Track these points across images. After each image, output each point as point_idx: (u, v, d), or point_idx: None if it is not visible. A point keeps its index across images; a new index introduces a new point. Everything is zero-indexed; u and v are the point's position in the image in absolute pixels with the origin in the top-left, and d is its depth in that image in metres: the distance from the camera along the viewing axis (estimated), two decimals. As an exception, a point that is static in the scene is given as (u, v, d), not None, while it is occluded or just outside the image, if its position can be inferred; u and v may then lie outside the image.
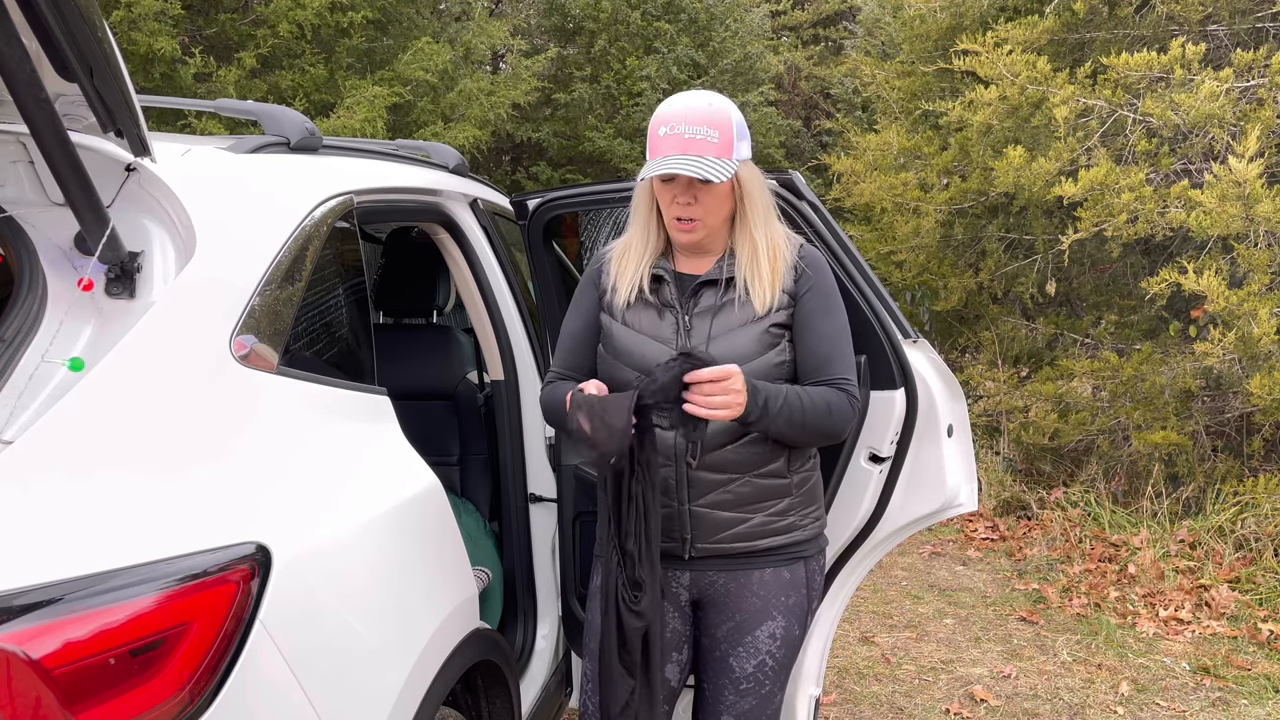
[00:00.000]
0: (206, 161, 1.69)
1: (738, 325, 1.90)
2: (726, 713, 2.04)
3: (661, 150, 1.83)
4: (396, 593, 1.64)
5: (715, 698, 2.05)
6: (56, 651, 1.07)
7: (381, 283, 3.05)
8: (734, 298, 1.92)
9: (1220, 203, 4.08)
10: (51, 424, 1.21)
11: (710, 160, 1.80)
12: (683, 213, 1.87)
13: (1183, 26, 4.92)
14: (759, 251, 1.91)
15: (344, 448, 1.65)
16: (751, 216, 1.92)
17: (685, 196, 1.86)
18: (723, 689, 2.03)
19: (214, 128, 6.14)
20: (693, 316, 1.93)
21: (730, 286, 1.93)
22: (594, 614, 2.04)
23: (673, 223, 1.91)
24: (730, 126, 1.84)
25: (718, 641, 2.02)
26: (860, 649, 4.08)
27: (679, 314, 1.94)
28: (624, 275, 1.98)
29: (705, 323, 1.92)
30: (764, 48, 11.65)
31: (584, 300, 2.05)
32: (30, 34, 1.17)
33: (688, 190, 1.86)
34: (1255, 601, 4.36)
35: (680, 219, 1.89)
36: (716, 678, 2.04)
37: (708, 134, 1.82)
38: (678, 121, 1.83)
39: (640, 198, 1.98)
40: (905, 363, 2.26)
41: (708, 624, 2.04)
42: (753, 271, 1.91)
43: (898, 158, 6.57)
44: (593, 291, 2.04)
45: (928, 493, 2.35)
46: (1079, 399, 5.58)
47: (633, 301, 1.96)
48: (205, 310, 1.44)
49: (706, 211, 1.87)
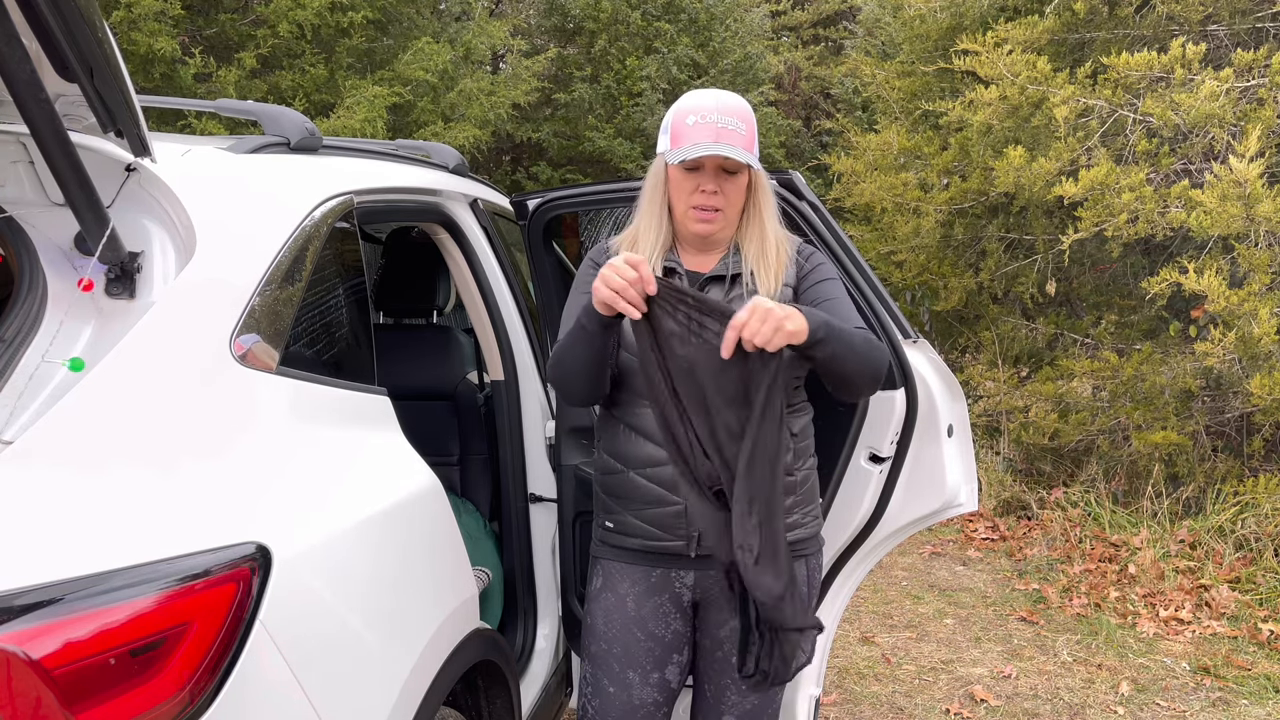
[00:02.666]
0: (206, 161, 1.69)
1: None
2: (729, 713, 2.04)
3: (692, 137, 1.82)
4: (396, 593, 1.64)
5: (717, 698, 2.04)
6: (56, 651, 1.07)
7: (381, 283, 3.05)
8: (742, 293, 1.92)
9: (1221, 203, 4.07)
10: (51, 424, 1.21)
11: (742, 150, 1.82)
12: (707, 202, 1.87)
13: (1183, 26, 4.91)
14: (767, 245, 1.93)
15: (344, 448, 1.65)
16: (763, 211, 1.94)
17: (712, 185, 1.86)
18: (725, 689, 2.03)
19: (214, 128, 6.14)
20: None
21: (736, 283, 1.94)
22: (595, 617, 2.03)
23: (690, 213, 1.89)
24: (753, 123, 1.89)
25: (719, 642, 2.02)
26: (860, 649, 4.08)
27: None
28: None
29: None
30: (764, 48, 11.65)
31: (586, 284, 1.95)
32: (30, 34, 1.17)
33: (714, 179, 1.86)
34: (1255, 601, 4.36)
35: (702, 208, 1.88)
36: (719, 678, 2.03)
37: (738, 125, 1.84)
38: (709, 111, 1.84)
39: (652, 189, 1.96)
40: (905, 363, 2.26)
41: (709, 624, 2.03)
42: (761, 263, 1.92)
43: (898, 158, 6.56)
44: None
45: (928, 493, 2.35)
46: (1079, 399, 5.57)
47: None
48: (205, 310, 1.44)
49: (729, 203, 1.89)
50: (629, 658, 1.98)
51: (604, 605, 2.01)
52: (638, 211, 2.01)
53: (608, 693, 2.00)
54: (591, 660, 2.03)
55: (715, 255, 1.98)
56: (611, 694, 2.00)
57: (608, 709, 2.00)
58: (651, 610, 1.98)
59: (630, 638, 1.98)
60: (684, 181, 1.88)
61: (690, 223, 1.91)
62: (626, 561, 2.00)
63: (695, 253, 1.99)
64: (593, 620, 2.03)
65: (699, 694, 2.10)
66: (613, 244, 2.04)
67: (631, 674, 1.99)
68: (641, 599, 1.98)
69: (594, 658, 2.02)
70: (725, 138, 1.81)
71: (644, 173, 2.05)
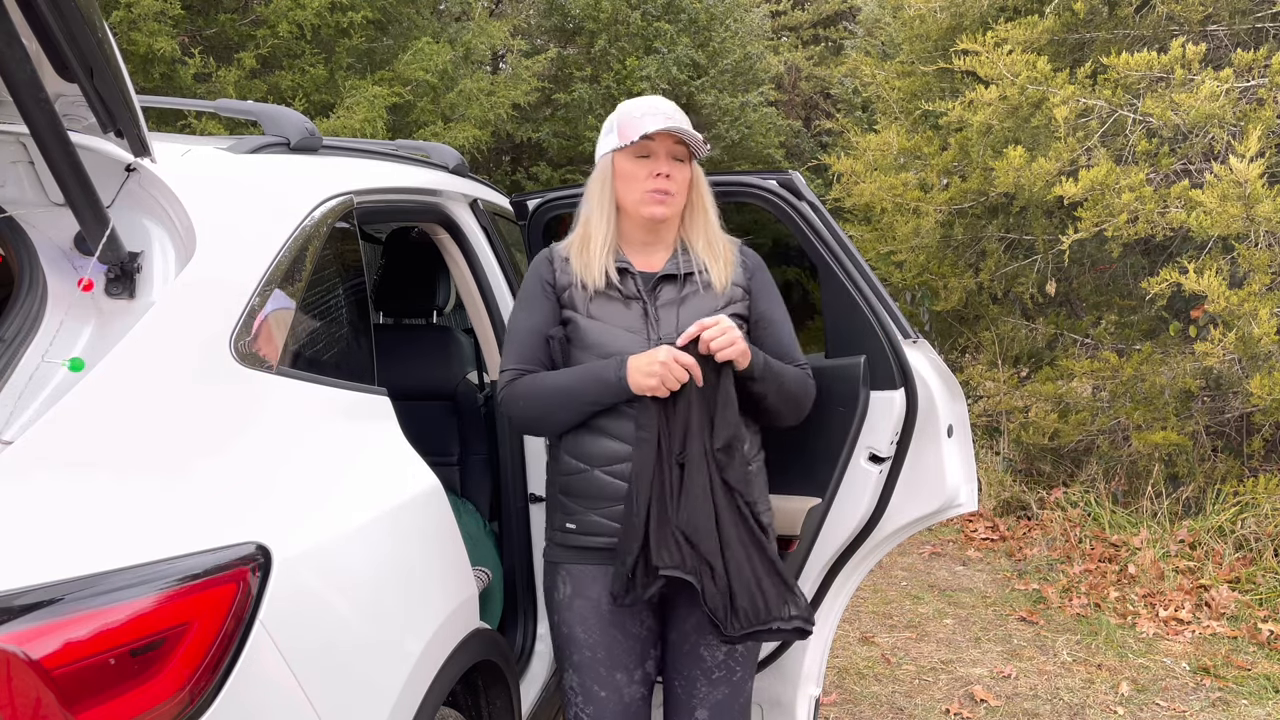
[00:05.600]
0: (206, 162, 1.69)
1: (705, 313, 1.98)
2: (700, 705, 2.05)
3: (645, 125, 1.94)
4: (396, 593, 1.64)
5: (688, 691, 2.06)
6: (56, 652, 1.07)
7: (381, 283, 3.05)
8: (696, 289, 2.03)
9: (1221, 203, 4.07)
10: (51, 424, 1.21)
11: (694, 133, 1.97)
12: (661, 185, 1.97)
13: (1183, 26, 4.91)
14: (713, 238, 2.07)
15: (344, 448, 1.65)
16: (706, 206, 2.07)
17: (666, 168, 1.97)
18: (695, 681, 2.05)
19: (214, 128, 6.14)
20: (658, 308, 2.01)
21: (689, 281, 2.04)
22: (571, 626, 2.03)
23: (646, 196, 1.98)
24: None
25: (686, 634, 2.04)
26: (860, 649, 4.08)
27: (646, 304, 2.00)
28: (589, 268, 2.01)
29: (671, 313, 2.00)
30: (764, 48, 11.65)
31: (539, 298, 2.04)
32: (30, 35, 1.17)
33: (668, 163, 1.98)
34: (1255, 601, 4.36)
35: (657, 190, 1.97)
36: (689, 670, 2.05)
37: (683, 120, 2.00)
38: (655, 107, 1.99)
39: (600, 188, 2.04)
40: (905, 363, 2.26)
41: (676, 618, 2.05)
42: (709, 254, 2.05)
43: (898, 158, 6.56)
44: (548, 289, 2.04)
45: (928, 493, 2.35)
46: (1079, 399, 5.57)
47: (595, 295, 2.00)
48: (205, 310, 1.44)
49: (679, 188, 2.00)
50: (614, 660, 2.00)
51: (579, 612, 2.01)
52: (583, 215, 2.07)
53: (600, 698, 2.01)
54: (577, 670, 2.02)
55: (663, 255, 2.07)
56: (604, 698, 2.01)
57: (603, 713, 2.01)
58: (626, 609, 1.99)
59: (611, 639, 2.00)
60: (636, 170, 1.98)
61: (645, 206, 1.99)
62: (592, 563, 2.00)
63: (643, 252, 2.05)
64: (569, 630, 2.03)
65: (670, 691, 2.11)
66: (559, 249, 2.08)
67: (619, 675, 2.01)
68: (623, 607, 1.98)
69: (579, 666, 2.02)
70: (675, 123, 1.95)
71: None
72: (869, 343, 2.26)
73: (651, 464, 1.87)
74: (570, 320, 2.01)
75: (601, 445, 1.97)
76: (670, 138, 1.96)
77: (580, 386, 1.93)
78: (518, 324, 2.05)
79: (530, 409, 1.99)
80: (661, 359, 1.85)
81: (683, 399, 1.89)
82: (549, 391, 1.97)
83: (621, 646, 2.01)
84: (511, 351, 2.03)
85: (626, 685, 2.02)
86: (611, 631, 2.00)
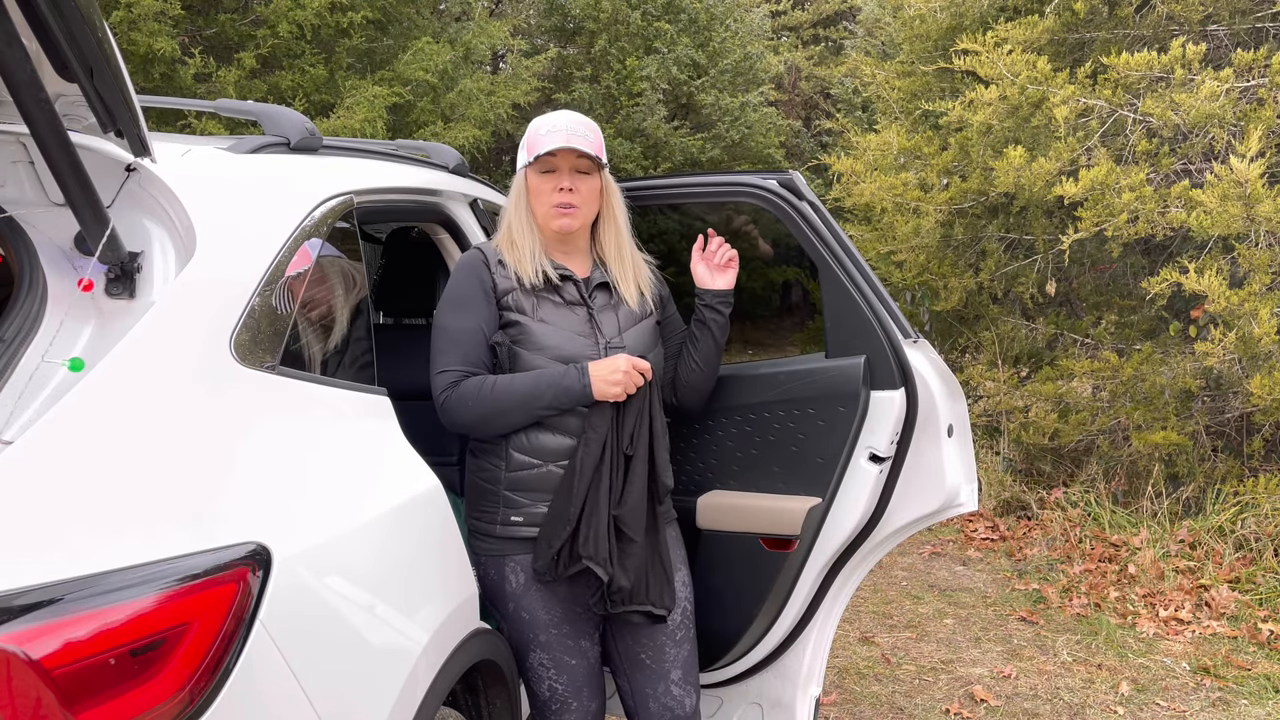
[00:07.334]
0: (206, 161, 1.69)
1: (638, 320, 2.18)
2: (674, 668, 2.18)
3: (546, 143, 2.06)
4: (397, 593, 1.64)
5: (657, 659, 2.18)
6: (56, 652, 1.07)
7: (381, 283, 3.05)
8: (619, 300, 2.18)
9: (1221, 202, 4.07)
10: (51, 424, 1.21)
11: (590, 148, 2.09)
12: (564, 199, 2.09)
13: (1183, 26, 4.91)
14: (623, 248, 2.21)
15: (344, 448, 1.65)
16: (616, 214, 2.20)
17: (568, 183, 2.09)
18: (663, 646, 2.19)
19: (214, 128, 6.14)
20: (597, 313, 2.14)
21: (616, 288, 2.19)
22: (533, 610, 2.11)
23: (552, 210, 2.10)
24: (600, 135, 2.16)
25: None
26: (860, 649, 4.08)
27: (590, 309, 2.14)
28: (522, 266, 2.10)
29: (611, 319, 2.15)
30: (764, 48, 11.66)
31: (477, 300, 2.08)
32: (30, 34, 1.17)
33: (570, 178, 2.09)
34: (1255, 601, 4.36)
35: (561, 205, 2.09)
36: (654, 637, 2.17)
37: (585, 133, 2.11)
38: (559, 122, 2.11)
39: (517, 200, 2.16)
40: (905, 363, 2.26)
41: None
42: (618, 266, 2.19)
43: (898, 158, 6.56)
44: (488, 293, 2.09)
45: (928, 493, 2.35)
46: (1079, 399, 5.57)
47: (540, 300, 2.09)
48: (205, 310, 1.44)
49: (584, 200, 2.11)
50: (576, 629, 2.14)
51: (539, 596, 2.10)
52: (505, 220, 2.18)
53: (570, 665, 2.12)
54: (545, 648, 2.11)
55: (581, 257, 2.20)
56: (574, 665, 2.12)
57: (576, 678, 2.13)
58: (578, 588, 2.10)
59: (571, 613, 2.13)
60: (543, 184, 2.11)
61: (552, 219, 2.11)
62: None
63: (567, 260, 2.17)
64: (531, 614, 2.11)
65: (637, 665, 2.20)
66: (490, 252, 2.15)
67: (584, 641, 2.16)
68: (566, 581, 2.08)
69: (547, 645, 2.11)
70: (575, 140, 2.06)
71: (644, 172, 2.13)
72: (869, 342, 2.27)
73: (596, 459, 2.00)
74: (517, 323, 2.07)
75: (557, 442, 2.07)
76: (573, 152, 2.07)
77: (539, 392, 2.02)
78: (452, 323, 2.08)
79: (478, 412, 2.04)
80: (624, 368, 2.00)
81: (636, 399, 2.05)
82: (503, 396, 2.02)
83: (581, 618, 2.14)
84: (451, 352, 2.06)
85: (590, 649, 2.17)
86: (570, 606, 2.12)
